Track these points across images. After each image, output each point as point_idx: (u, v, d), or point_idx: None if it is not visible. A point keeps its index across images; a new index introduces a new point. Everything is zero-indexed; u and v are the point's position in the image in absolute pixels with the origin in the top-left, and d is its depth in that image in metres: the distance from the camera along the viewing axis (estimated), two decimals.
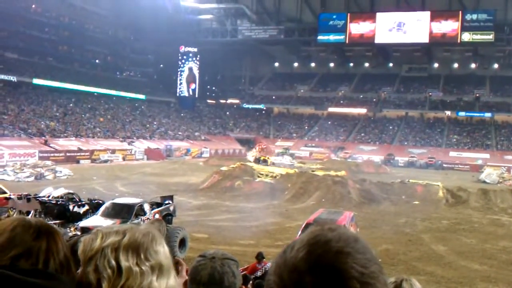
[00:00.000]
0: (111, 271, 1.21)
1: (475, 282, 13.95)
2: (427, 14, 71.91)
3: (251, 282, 8.58)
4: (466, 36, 69.77)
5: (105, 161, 49.46)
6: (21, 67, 60.43)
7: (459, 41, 70.60)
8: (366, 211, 24.88)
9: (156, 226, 3.81)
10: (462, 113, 74.00)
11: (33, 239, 1.31)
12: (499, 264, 15.87)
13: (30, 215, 15.78)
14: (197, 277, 1.99)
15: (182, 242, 14.87)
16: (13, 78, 57.45)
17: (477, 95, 75.77)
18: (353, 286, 0.80)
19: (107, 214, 16.74)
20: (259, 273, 10.46)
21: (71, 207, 18.00)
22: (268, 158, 44.83)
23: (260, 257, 11.05)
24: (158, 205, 19.62)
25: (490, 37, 67.93)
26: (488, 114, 72.05)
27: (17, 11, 62.08)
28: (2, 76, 56.33)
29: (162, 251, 1.31)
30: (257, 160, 40.31)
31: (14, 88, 57.48)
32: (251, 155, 47.04)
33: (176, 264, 1.76)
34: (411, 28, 72.55)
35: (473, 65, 78.35)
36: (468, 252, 17.50)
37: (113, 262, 1.22)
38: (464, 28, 69.39)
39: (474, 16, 69.06)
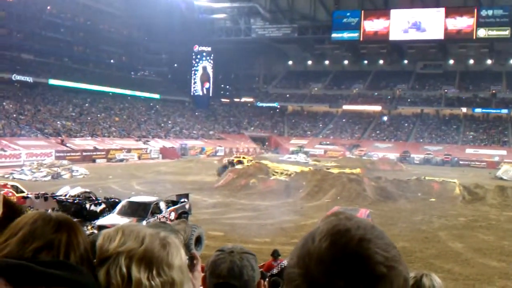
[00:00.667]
0: (121, 279, 1.19)
1: (493, 279, 13.83)
2: (442, 11, 71.34)
3: (267, 279, 8.58)
4: (482, 32, 69.12)
5: (121, 160, 49.76)
6: (37, 68, 61.01)
7: (474, 37, 69.98)
8: (382, 209, 24.76)
9: (182, 228, 3.81)
10: (478, 110, 73.22)
11: (54, 231, 1.31)
12: None
13: None
14: (217, 271, 2.00)
15: (198, 240, 14.91)
16: (29, 79, 58.01)
17: (493, 91, 74.94)
18: (380, 270, 0.82)
19: (124, 213, 16.87)
20: (275, 271, 10.47)
21: (87, 205, 18.19)
22: (243, 157, 43.64)
23: (276, 254, 11.06)
24: (174, 203, 19.74)
25: (506, 32, 67.23)
26: (504, 111, 71.16)
27: (33, 13, 62.71)
28: (19, 77, 56.89)
29: (178, 264, 1.27)
30: (231, 164, 38.57)
31: (30, 88, 58.06)
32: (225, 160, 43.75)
33: (191, 259, 1.76)
34: (425, 24, 72.05)
35: (489, 61, 77.49)
36: (486, 249, 17.34)
37: (124, 271, 1.20)
38: (479, 24, 68.76)
39: (490, 12, 68.41)
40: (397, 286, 0.83)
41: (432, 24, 71.64)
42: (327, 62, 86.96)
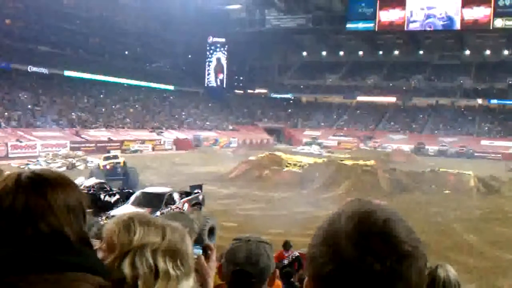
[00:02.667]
0: (149, 270, 1.22)
1: (509, 272, 13.75)
2: (458, 0, 70.46)
3: (278, 270, 8.59)
4: (499, 22, 68.19)
5: (135, 151, 50.02)
6: (53, 59, 61.35)
7: (491, 27, 69.05)
8: (396, 201, 24.64)
9: (195, 217, 3.86)
10: (494, 101, 72.36)
11: (30, 193, 1.24)
12: None
13: None
14: (234, 258, 2.07)
15: (211, 231, 14.99)
16: (45, 71, 58.42)
17: (510, 82, 73.97)
18: (406, 249, 0.86)
19: (138, 203, 17.00)
20: (286, 261, 10.48)
21: (102, 196, 18.35)
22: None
23: (287, 245, 11.06)
24: (187, 194, 19.83)
25: None
26: None
27: (49, 5, 62.95)
28: (35, 69, 57.29)
29: (191, 253, 1.36)
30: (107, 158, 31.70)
31: (46, 80, 58.44)
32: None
33: (205, 248, 1.79)
34: (442, 14, 71.24)
35: (506, 52, 76.45)
36: (502, 242, 17.22)
37: (151, 262, 1.23)
38: (496, 14, 67.82)
39: (507, 1, 67.36)
40: (420, 265, 0.87)
41: (449, 14, 70.84)
42: (342, 52, 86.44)
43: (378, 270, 0.83)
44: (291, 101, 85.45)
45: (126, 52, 78.87)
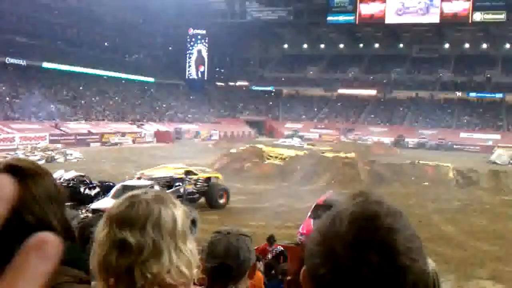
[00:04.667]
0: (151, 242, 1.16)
1: (485, 263, 13.98)
2: None
3: (261, 262, 8.63)
4: (478, 16, 68.92)
5: (115, 144, 49.69)
6: (30, 50, 60.44)
7: (470, 21, 69.78)
8: (375, 192, 24.82)
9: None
10: (473, 94, 73.28)
11: None
12: (509, 245, 15.87)
13: None
14: (214, 251, 2.07)
15: (193, 224, 14.92)
16: (22, 62, 57.57)
17: (489, 75, 74.95)
18: (403, 262, 0.83)
19: (118, 196, 16.68)
20: (269, 256, 10.51)
21: (82, 189, 18.20)
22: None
23: (271, 240, 11.10)
24: (169, 187, 19.77)
25: (502, 16, 67.03)
26: (499, 95, 71.24)
27: None
28: (12, 60, 56.46)
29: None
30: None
31: (23, 72, 57.61)
32: None
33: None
34: (421, 8, 71.74)
35: (484, 45, 77.45)
36: (479, 232, 17.52)
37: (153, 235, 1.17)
38: (475, 8, 68.51)
39: None
40: (417, 278, 0.85)
41: (428, 8, 71.38)
42: (322, 45, 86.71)
43: (372, 280, 0.82)
44: (272, 94, 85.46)
45: (106, 44, 78.10)
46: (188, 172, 21.70)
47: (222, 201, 21.11)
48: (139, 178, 20.34)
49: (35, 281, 0.90)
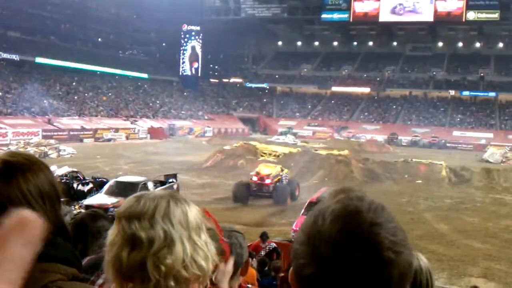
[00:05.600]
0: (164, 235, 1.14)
1: (477, 260, 14.04)
2: None
3: (254, 259, 8.63)
4: (471, 15, 69.09)
5: (109, 140, 49.54)
6: (24, 46, 60.15)
7: (464, 19, 69.95)
8: (368, 190, 24.85)
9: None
10: (466, 93, 73.50)
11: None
12: (501, 243, 15.96)
13: None
14: None
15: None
16: (15, 57, 57.25)
17: (482, 74, 75.23)
18: (388, 256, 0.83)
19: (111, 192, 16.83)
20: (262, 253, 10.51)
21: (75, 185, 18.14)
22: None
23: (264, 236, 11.11)
24: (162, 183, 19.77)
25: (495, 15, 67.25)
26: (492, 94, 71.51)
27: None
28: (5, 55, 56.09)
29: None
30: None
31: (17, 67, 57.34)
32: None
33: None
34: (415, 6, 71.85)
35: (477, 44, 77.74)
36: (471, 230, 17.58)
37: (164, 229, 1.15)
38: (469, 7, 68.68)
39: None
40: (403, 270, 0.85)
41: (422, 6, 71.52)
42: (316, 43, 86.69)
43: (358, 276, 0.82)
44: (266, 91, 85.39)
45: (99, 39, 77.78)
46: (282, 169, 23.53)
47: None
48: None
49: (17, 268, 0.87)
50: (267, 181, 21.79)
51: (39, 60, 60.09)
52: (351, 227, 0.85)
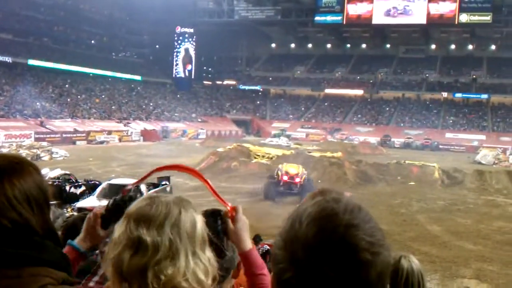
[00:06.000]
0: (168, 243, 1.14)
1: (470, 262, 14.07)
2: None
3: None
4: (464, 17, 69.34)
5: (101, 142, 49.40)
6: (16, 48, 59.89)
7: (456, 22, 70.16)
8: (362, 192, 24.96)
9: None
10: (458, 95, 73.86)
11: None
12: (493, 244, 15.99)
13: None
14: None
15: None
16: (8, 59, 56.98)
17: (474, 76, 75.60)
18: (365, 257, 0.83)
19: (104, 195, 16.76)
20: None
21: (67, 188, 18.05)
22: None
23: (257, 239, 11.08)
24: (155, 186, 19.70)
25: (487, 18, 67.48)
26: (484, 96, 71.89)
27: None
28: None
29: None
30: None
31: (9, 69, 57.06)
32: None
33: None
34: (408, 9, 72.09)
35: (470, 47, 78.12)
36: (463, 232, 17.62)
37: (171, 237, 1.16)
38: (462, 9, 68.91)
39: None
40: (381, 270, 0.84)
41: (415, 9, 71.77)
42: (310, 45, 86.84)
43: (335, 279, 0.81)
44: (260, 93, 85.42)
45: (92, 41, 77.55)
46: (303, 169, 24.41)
47: None
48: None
49: None
50: (297, 179, 23.20)
51: (31, 62, 59.83)
52: (327, 230, 0.84)
